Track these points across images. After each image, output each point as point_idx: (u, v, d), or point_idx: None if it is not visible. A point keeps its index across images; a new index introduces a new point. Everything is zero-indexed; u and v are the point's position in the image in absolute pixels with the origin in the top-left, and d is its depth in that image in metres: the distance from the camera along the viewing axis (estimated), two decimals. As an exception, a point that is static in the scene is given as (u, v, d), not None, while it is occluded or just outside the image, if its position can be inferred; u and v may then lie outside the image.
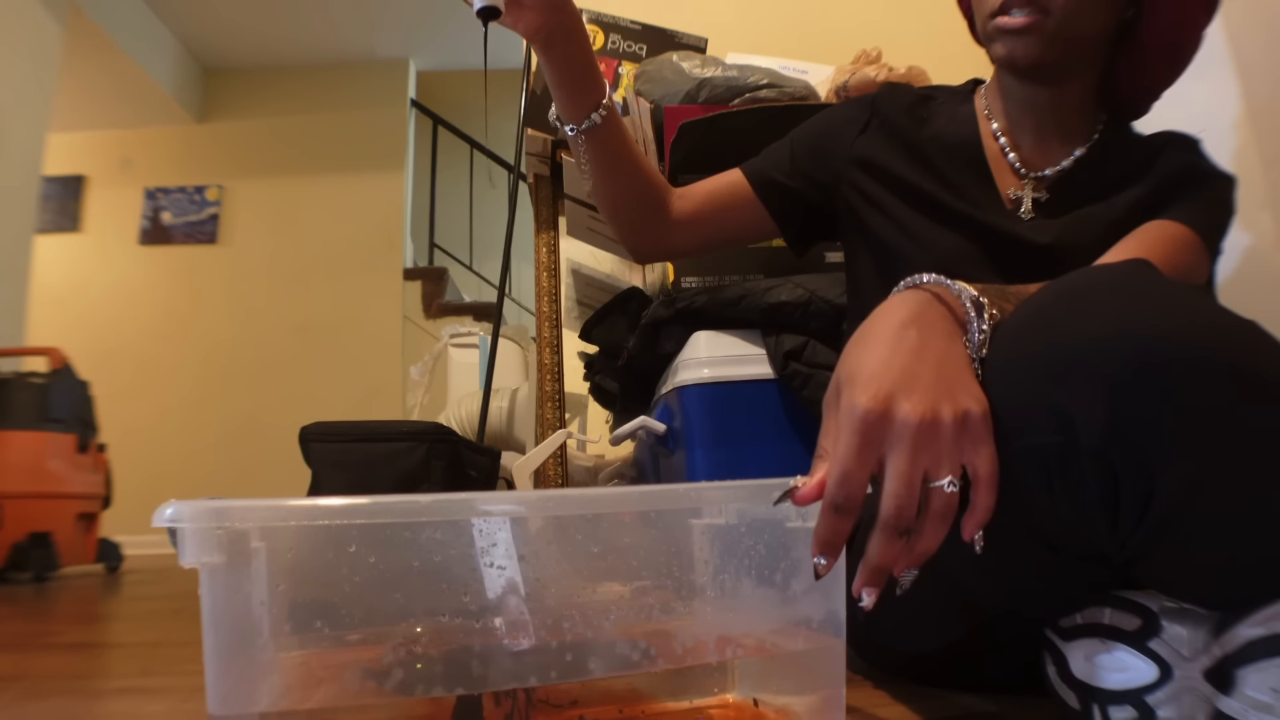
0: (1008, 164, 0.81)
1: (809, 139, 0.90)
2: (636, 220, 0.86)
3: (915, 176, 0.81)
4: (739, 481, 0.47)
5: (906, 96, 0.88)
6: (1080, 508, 0.46)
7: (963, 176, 0.81)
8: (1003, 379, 0.49)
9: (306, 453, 1.47)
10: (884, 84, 0.91)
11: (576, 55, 0.74)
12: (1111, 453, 0.43)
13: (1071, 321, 0.46)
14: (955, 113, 0.86)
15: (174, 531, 0.38)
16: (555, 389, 1.69)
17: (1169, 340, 0.42)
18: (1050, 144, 0.81)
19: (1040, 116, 0.80)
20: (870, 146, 0.85)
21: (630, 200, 0.84)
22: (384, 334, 4.23)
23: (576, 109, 0.76)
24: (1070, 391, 0.44)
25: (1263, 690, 0.43)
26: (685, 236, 0.88)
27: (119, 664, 1.04)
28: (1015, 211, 0.79)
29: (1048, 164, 0.80)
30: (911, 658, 0.69)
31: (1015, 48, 0.74)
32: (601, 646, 0.43)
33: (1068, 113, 0.80)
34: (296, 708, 0.40)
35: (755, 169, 0.90)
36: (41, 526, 2.32)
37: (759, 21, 2.07)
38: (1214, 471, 0.42)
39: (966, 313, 0.51)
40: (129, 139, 4.50)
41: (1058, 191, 0.79)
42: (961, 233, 0.78)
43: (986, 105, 0.85)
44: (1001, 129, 0.82)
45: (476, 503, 0.42)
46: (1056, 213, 0.77)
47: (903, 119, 0.85)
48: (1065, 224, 0.76)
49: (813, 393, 1.08)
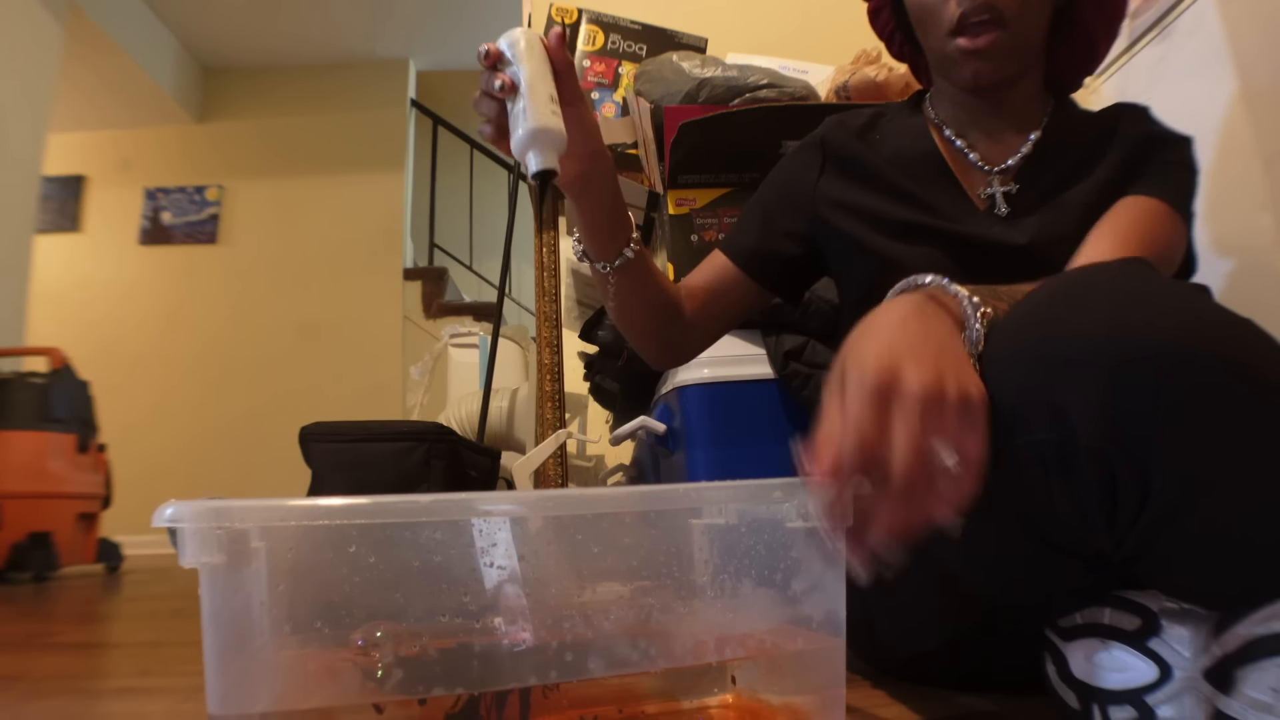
0: (970, 164, 0.80)
1: (776, 194, 0.88)
2: (661, 335, 0.84)
3: (883, 205, 0.80)
4: (739, 481, 0.47)
5: (854, 122, 0.87)
6: (1077, 504, 0.46)
7: (930, 189, 0.80)
8: (1000, 376, 0.50)
9: (306, 453, 1.48)
10: (828, 119, 0.89)
11: (610, 199, 0.73)
12: (1108, 449, 0.43)
13: (1068, 319, 0.46)
14: (906, 127, 0.85)
15: (174, 531, 0.38)
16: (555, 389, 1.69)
17: (1165, 338, 0.42)
18: (1005, 136, 0.80)
19: (992, 118, 0.80)
20: (832, 185, 0.84)
21: (655, 319, 0.82)
22: (384, 334, 4.24)
23: (608, 250, 0.75)
24: (1067, 388, 0.44)
25: (1263, 690, 0.43)
26: (700, 335, 0.87)
27: (119, 664, 1.04)
28: (990, 210, 0.78)
29: (1007, 154, 0.79)
30: (911, 657, 0.69)
31: (980, 69, 0.73)
32: (601, 646, 0.43)
33: (1018, 108, 0.80)
34: (296, 708, 0.40)
35: (734, 248, 0.87)
36: (41, 526, 2.33)
37: (759, 21, 2.07)
38: (1209, 468, 0.42)
39: (963, 311, 0.51)
40: (129, 139, 4.50)
41: (1026, 179, 0.78)
42: (939, 248, 0.76)
43: (935, 113, 0.84)
44: (955, 133, 0.82)
45: (476, 503, 0.42)
46: (1030, 203, 0.77)
47: (855, 148, 0.84)
48: (1042, 217, 0.75)
49: (813, 393, 1.08)
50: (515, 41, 0.62)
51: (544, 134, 0.59)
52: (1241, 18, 1.13)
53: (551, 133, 0.59)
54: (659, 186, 1.31)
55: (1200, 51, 1.17)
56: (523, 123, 0.59)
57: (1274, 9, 1.10)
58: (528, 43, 0.62)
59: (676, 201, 1.25)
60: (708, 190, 1.26)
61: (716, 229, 1.24)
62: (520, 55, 0.61)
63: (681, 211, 1.25)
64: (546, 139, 0.59)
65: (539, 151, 0.59)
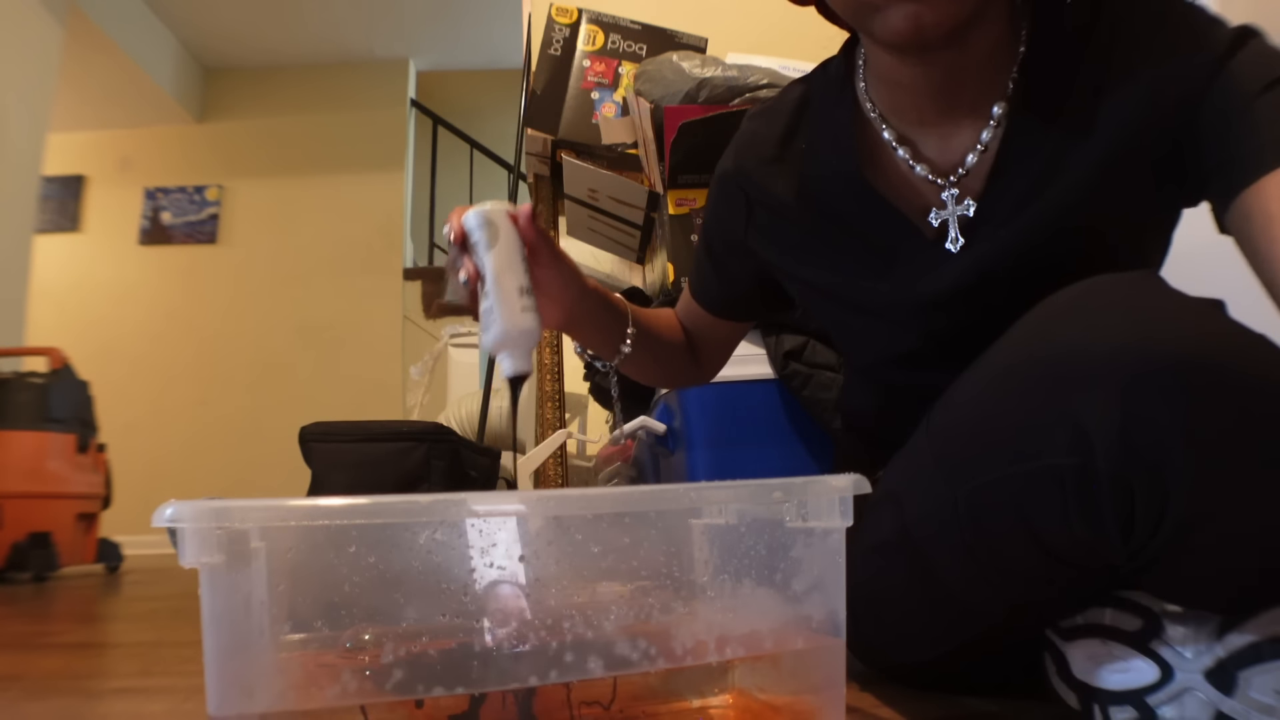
0: (917, 179, 0.61)
1: (715, 239, 0.78)
2: (678, 376, 0.85)
3: (813, 270, 0.68)
4: (739, 481, 0.47)
5: (767, 145, 0.69)
6: (1093, 522, 0.45)
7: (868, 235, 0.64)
8: (1010, 389, 0.49)
9: (306, 453, 1.48)
10: (743, 132, 0.72)
11: (601, 321, 0.71)
12: (1128, 466, 0.42)
13: (1083, 332, 0.45)
14: (835, 130, 0.65)
15: (174, 531, 0.38)
16: (555, 389, 1.69)
17: (1184, 353, 0.41)
18: (959, 122, 0.59)
19: (937, 97, 0.59)
20: (761, 240, 0.72)
21: (667, 372, 0.84)
22: (384, 334, 4.24)
23: (606, 352, 0.75)
24: (1083, 403, 0.44)
25: (1265, 692, 0.43)
26: (709, 366, 0.87)
27: (119, 664, 1.04)
28: (946, 246, 0.61)
29: (961, 152, 0.59)
30: (911, 661, 0.69)
31: (915, 13, 0.50)
32: (601, 646, 0.43)
33: (973, 72, 0.57)
34: (296, 708, 0.40)
35: (703, 296, 0.82)
36: (41, 526, 2.32)
37: (759, 21, 2.07)
38: (1227, 484, 0.42)
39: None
40: (129, 139, 4.50)
41: (989, 188, 0.59)
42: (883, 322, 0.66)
43: (870, 99, 0.63)
44: (894, 135, 0.62)
45: (476, 503, 0.42)
46: (1000, 220, 0.58)
47: (775, 188, 0.68)
48: (1013, 239, 0.58)
49: (813, 392, 1.08)
50: (481, 224, 0.59)
51: (514, 337, 0.58)
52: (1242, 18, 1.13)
53: (524, 334, 0.58)
54: (659, 186, 1.31)
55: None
56: (493, 324, 0.58)
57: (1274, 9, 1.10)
58: (493, 226, 0.59)
59: (676, 201, 1.25)
60: (708, 190, 1.26)
61: (717, 229, 1.24)
62: (485, 243, 0.58)
63: (681, 211, 1.25)
64: (517, 341, 0.58)
65: (510, 355, 0.58)
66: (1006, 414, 0.49)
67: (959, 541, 0.54)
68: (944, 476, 0.55)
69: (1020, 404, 0.48)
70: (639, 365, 0.79)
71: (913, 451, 0.60)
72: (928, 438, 0.58)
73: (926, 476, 0.57)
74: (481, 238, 0.59)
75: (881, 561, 0.62)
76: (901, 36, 0.51)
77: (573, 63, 1.60)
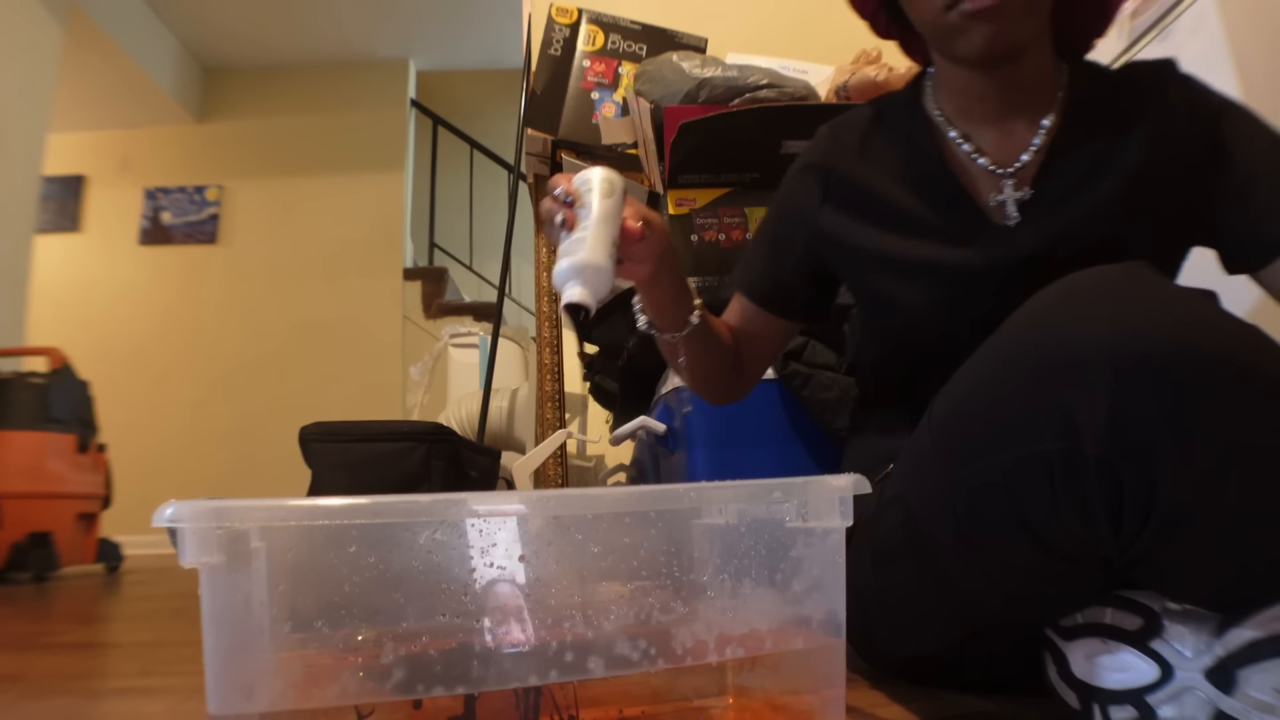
0: (979, 169, 0.72)
1: (781, 229, 0.84)
2: (723, 382, 0.86)
3: (885, 242, 0.75)
4: (739, 481, 0.47)
5: (851, 136, 0.80)
6: (1083, 512, 0.46)
7: (937, 210, 0.73)
8: (1003, 378, 0.49)
9: (306, 453, 1.47)
10: (826, 129, 0.83)
11: (678, 284, 0.75)
12: (1115, 454, 0.43)
13: (1074, 322, 0.46)
14: (909, 132, 0.77)
15: (174, 531, 0.38)
16: (555, 389, 1.69)
17: (1173, 341, 0.42)
18: (1015, 126, 0.72)
19: (1002, 105, 0.72)
20: (833, 221, 0.79)
21: (723, 371, 0.84)
22: (384, 334, 4.24)
23: (675, 322, 0.76)
24: (1072, 392, 0.44)
25: (1265, 690, 0.43)
26: (750, 375, 0.88)
27: (119, 664, 1.04)
28: (1003, 222, 0.71)
29: (1019, 149, 0.71)
30: (913, 657, 0.69)
31: (994, 34, 0.64)
32: (601, 646, 0.43)
33: (1029, 87, 0.71)
34: (296, 708, 0.40)
35: (751, 289, 0.85)
36: (41, 526, 2.32)
37: (759, 21, 2.07)
38: (1216, 472, 0.42)
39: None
40: (129, 139, 4.50)
41: (1042, 179, 0.70)
42: (942, 288, 0.71)
43: (937, 107, 0.76)
44: (960, 134, 0.74)
45: (475, 503, 0.42)
46: (1049, 206, 0.69)
47: (857, 176, 0.77)
48: (1061, 224, 0.68)
49: (813, 392, 1.08)
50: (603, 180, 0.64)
51: (593, 267, 0.59)
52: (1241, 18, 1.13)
53: (599, 271, 0.60)
54: (659, 186, 1.31)
55: (1200, 51, 1.17)
56: (578, 251, 0.60)
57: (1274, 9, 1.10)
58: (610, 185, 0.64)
59: (676, 201, 1.25)
60: (708, 190, 1.26)
61: (716, 229, 1.24)
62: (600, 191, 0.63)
63: (681, 211, 1.25)
64: (593, 276, 0.60)
65: (580, 284, 0.59)
66: (999, 403, 0.50)
67: (956, 530, 0.54)
68: (941, 465, 0.56)
69: (1012, 393, 0.48)
70: (702, 358, 0.81)
71: (916, 442, 0.61)
72: (928, 428, 0.59)
73: (926, 466, 0.58)
74: (597, 186, 0.64)
75: (887, 550, 0.63)
76: (978, 51, 0.65)
77: (573, 63, 1.60)
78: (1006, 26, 0.64)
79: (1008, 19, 0.64)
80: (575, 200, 0.63)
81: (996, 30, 0.64)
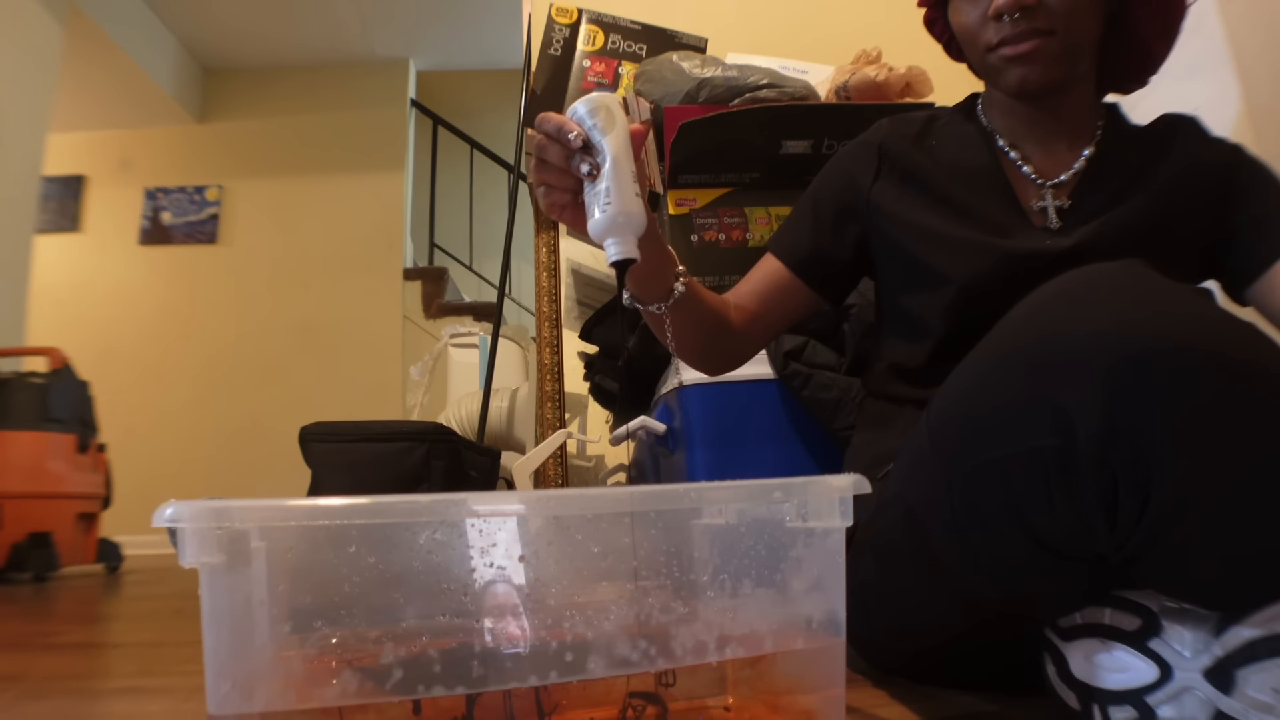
0: (1023, 176, 0.80)
1: (830, 196, 0.87)
2: (715, 351, 0.84)
3: (935, 218, 0.80)
4: (739, 481, 0.47)
5: (911, 127, 0.87)
6: (1078, 509, 0.46)
7: (984, 202, 0.79)
8: (999, 374, 0.50)
9: (306, 453, 1.48)
10: (886, 120, 0.89)
11: (657, 249, 0.71)
12: (1109, 452, 0.43)
13: (1069, 318, 0.46)
14: (962, 135, 0.84)
15: (174, 531, 0.38)
16: (555, 389, 1.69)
17: (1167, 337, 0.42)
18: (1058, 149, 0.80)
19: (1045, 129, 0.80)
20: (886, 194, 0.83)
21: (711, 339, 0.82)
22: (384, 334, 4.23)
23: (659, 291, 0.74)
24: (1067, 388, 0.44)
25: (1264, 690, 0.43)
26: (751, 343, 0.87)
27: (119, 664, 1.04)
28: (1044, 225, 0.77)
29: (1061, 169, 0.79)
30: (912, 654, 0.69)
31: (1027, 75, 0.73)
32: (601, 646, 0.43)
33: (1070, 119, 0.80)
34: (296, 708, 0.40)
35: (786, 250, 0.86)
36: (41, 526, 2.32)
37: (759, 21, 2.07)
38: (1211, 469, 0.42)
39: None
40: (129, 139, 4.50)
41: (1079, 195, 0.77)
42: (987, 263, 0.75)
43: (988, 121, 0.84)
44: (1008, 144, 0.81)
45: (475, 503, 0.42)
46: (1083, 218, 0.76)
47: (913, 157, 0.83)
48: (1092, 231, 0.74)
49: (812, 392, 1.08)
50: (595, 110, 0.58)
51: (627, 219, 0.57)
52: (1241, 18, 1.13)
53: (634, 218, 0.57)
54: (659, 186, 1.31)
55: (1200, 51, 1.17)
56: (609, 205, 0.56)
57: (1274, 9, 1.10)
58: (608, 112, 0.58)
59: (676, 201, 1.26)
60: (708, 190, 1.26)
61: (716, 229, 1.24)
62: (601, 127, 0.58)
63: (681, 211, 1.25)
64: (629, 224, 0.57)
65: (620, 239, 0.57)
66: (995, 399, 0.50)
67: (952, 524, 0.54)
68: (938, 459, 0.56)
69: (1008, 390, 0.48)
70: (690, 328, 0.78)
71: (915, 439, 0.61)
72: (926, 423, 0.59)
73: (925, 462, 0.58)
74: (597, 123, 0.58)
75: (887, 546, 0.64)
76: (1014, 89, 0.76)
77: (573, 63, 1.60)
78: (1041, 69, 0.73)
79: (1042, 63, 0.73)
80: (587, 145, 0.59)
81: (1030, 73, 0.74)
